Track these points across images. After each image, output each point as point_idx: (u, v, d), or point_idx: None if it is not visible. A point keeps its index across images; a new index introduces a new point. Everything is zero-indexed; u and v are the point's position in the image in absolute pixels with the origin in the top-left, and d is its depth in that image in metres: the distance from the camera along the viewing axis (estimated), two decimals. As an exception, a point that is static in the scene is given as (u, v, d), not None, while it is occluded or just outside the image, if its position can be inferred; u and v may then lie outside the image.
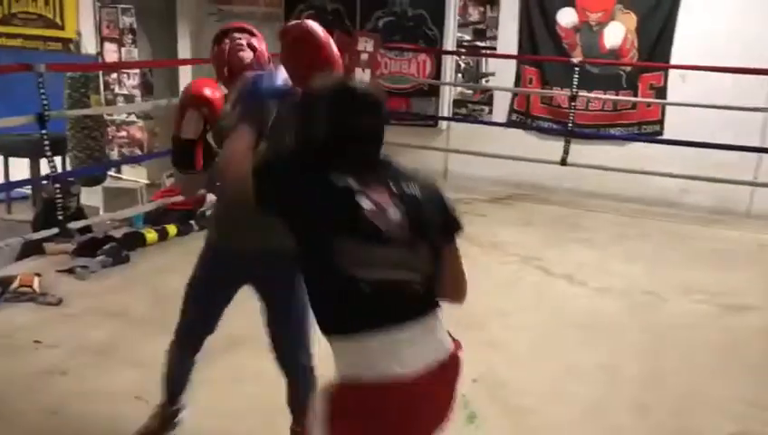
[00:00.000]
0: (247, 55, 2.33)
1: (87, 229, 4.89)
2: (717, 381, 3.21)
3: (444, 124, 7.08)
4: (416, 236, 1.61)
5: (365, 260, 1.55)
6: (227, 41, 2.37)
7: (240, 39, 2.35)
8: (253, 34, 2.41)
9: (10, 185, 6.09)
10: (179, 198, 5.07)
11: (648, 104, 6.24)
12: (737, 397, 3.07)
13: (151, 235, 4.77)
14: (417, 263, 1.62)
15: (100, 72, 8.03)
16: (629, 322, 3.87)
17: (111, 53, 8.41)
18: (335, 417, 1.55)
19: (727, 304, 4.10)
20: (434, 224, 1.67)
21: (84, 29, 7.97)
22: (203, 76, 8.39)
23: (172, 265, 4.48)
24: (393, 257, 1.58)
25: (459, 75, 7.48)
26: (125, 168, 8.41)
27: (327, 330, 1.64)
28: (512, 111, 6.80)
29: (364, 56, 6.62)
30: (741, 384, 3.19)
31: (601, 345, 3.56)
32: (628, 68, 6.22)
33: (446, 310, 3.76)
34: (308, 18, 1.91)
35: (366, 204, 1.55)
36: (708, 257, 4.92)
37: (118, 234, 4.79)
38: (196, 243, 4.84)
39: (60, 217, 4.42)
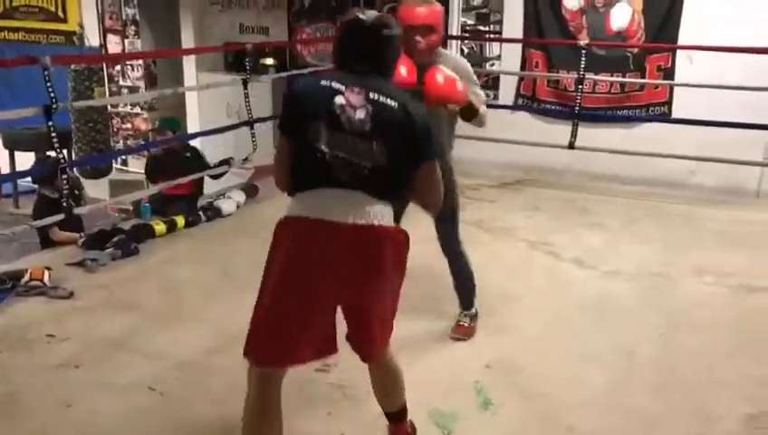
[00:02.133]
0: None
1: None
2: (732, 363, 3.20)
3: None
4: (374, 133, 2.09)
5: (327, 139, 2.09)
6: None
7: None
8: None
9: (15, 175, 6.09)
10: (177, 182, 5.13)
11: (656, 86, 6.19)
12: (753, 378, 3.06)
13: (160, 226, 4.77)
14: (367, 152, 2.10)
15: (104, 65, 8.03)
16: (641, 304, 3.86)
17: (115, 45, 8.40)
18: (275, 242, 2.24)
19: (739, 285, 4.08)
20: (399, 135, 2.11)
21: (87, 21, 7.94)
22: (207, 65, 8.34)
23: (181, 257, 4.50)
24: (347, 142, 2.09)
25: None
26: (130, 159, 8.42)
27: (292, 192, 2.23)
28: (518, 95, 6.75)
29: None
30: (756, 365, 3.18)
31: (614, 328, 3.55)
32: (636, 49, 6.16)
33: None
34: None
35: (339, 100, 2.09)
36: (718, 238, 4.89)
37: (126, 226, 4.79)
38: (204, 233, 4.91)
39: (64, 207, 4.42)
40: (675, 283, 4.13)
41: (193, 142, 6.43)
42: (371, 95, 2.11)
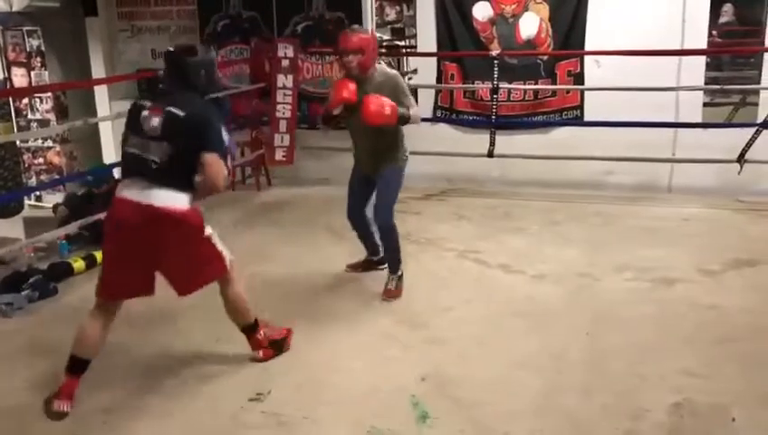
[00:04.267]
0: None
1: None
2: (656, 356, 3.31)
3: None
4: (165, 136, 2.86)
5: (130, 142, 2.96)
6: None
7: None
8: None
9: None
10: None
11: (567, 91, 6.40)
12: (676, 369, 3.17)
13: (78, 263, 4.59)
14: (157, 151, 2.87)
15: (10, 99, 7.70)
16: (568, 305, 3.95)
17: (20, 78, 8.08)
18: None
19: (658, 279, 4.23)
20: (185, 135, 2.86)
21: (-12, 54, 7.63)
22: (120, 93, 8.09)
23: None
24: (143, 144, 2.90)
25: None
26: (45, 195, 8.09)
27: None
28: (436, 107, 6.85)
29: (285, 62, 6.57)
30: (678, 356, 3.30)
31: (543, 332, 3.62)
32: (545, 57, 6.35)
33: (390, 311, 3.74)
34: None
35: (144, 113, 2.91)
36: (636, 235, 5.08)
37: (43, 265, 4.59)
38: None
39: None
40: (598, 282, 4.25)
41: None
42: (166, 108, 2.89)
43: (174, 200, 2.89)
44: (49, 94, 8.01)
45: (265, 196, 6.72)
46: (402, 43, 8.75)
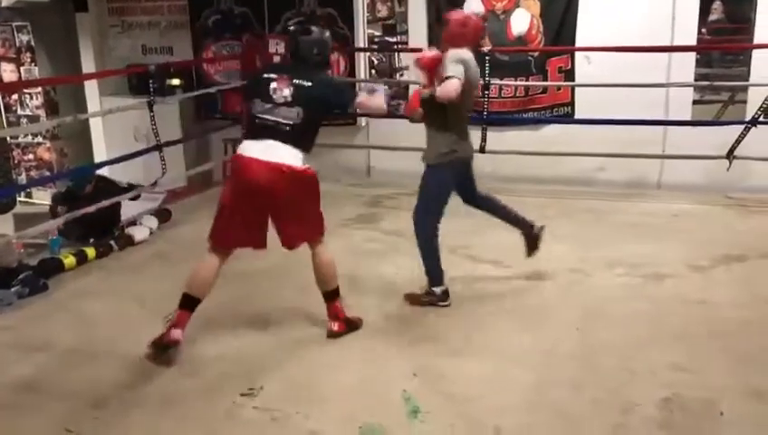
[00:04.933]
0: None
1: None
2: (646, 351, 3.34)
3: (363, 121, 7.08)
4: (295, 104, 3.29)
5: (258, 109, 3.33)
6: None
7: None
8: None
9: None
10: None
11: (558, 87, 6.41)
12: (666, 364, 3.19)
13: (69, 259, 4.58)
14: (289, 115, 3.29)
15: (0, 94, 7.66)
16: (558, 301, 3.97)
17: (10, 74, 8.02)
18: (230, 172, 3.54)
19: (648, 275, 4.26)
20: (316, 100, 3.35)
21: (-23, 50, 7.58)
22: (110, 89, 8.05)
23: (94, 289, 4.33)
24: (275, 110, 3.30)
25: (373, 71, 7.48)
26: (36, 191, 8.06)
27: (241, 138, 3.45)
28: (428, 103, 6.85)
29: (276, 58, 6.55)
30: (668, 351, 3.32)
31: (534, 327, 3.64)
32: (536, 53, 6.37)
33: (381, 307, 3.73)
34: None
35: (272, 84, 3.32)
36: (627, 231, 5.11)
37: (33, 261, 4.57)
38: (116, 263, 4.75)
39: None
40: (589, 277, 4.28)
41: (101, 170, 6.23)
42: (294, 80, 3.33)
43: (298, 160, 3.30)
44: (39, 90, 7.96)
45: (257, 192, 6.70)
46: (394, 40, 8.75)
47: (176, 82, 7.22)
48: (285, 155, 3.27)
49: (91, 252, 4.73)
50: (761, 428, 2.72)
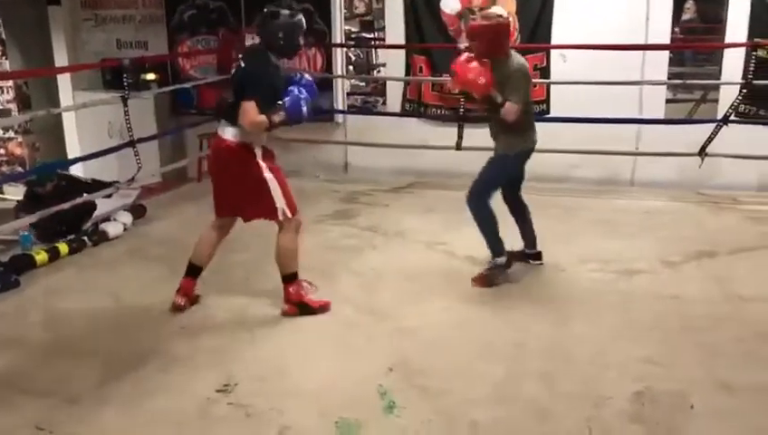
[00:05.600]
0: None
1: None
2: (618, 345, 3.38)
3: (340, 118, 7.07)
4: (233, 83, 3.55)
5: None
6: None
7: None
8: None
9: None
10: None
11: (534, 84, 6.44)
12: (638, 358, 3.24)
13: (41, 256, 4.52)
14: (229, 94, 3.57)
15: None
16: (532, 295, 4.01)
17: (-20, 67, 7.89)
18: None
19: (621, 270, 4.31)
20: (239, 83, 3.48)
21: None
22: (84, 84, 7.94)
23: (67, 286, 4.28)
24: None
25: (351, 68, 7.48)
26: (6, 186, 7.93)
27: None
28: (405, 100, 6.87)
29: (253, 54, 6.51)
30: (640, 345, 3.37)
31: (507, 321, 3.67)
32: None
33: (357, 303, 3.74)
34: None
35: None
36: (600, 227, 5.16)
37: (5, 258, 4.50)
38: (90, 259, 4.70)
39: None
40: (562, 272, 4.32)
41: (74, 166, 6.16)
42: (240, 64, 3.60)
43: (232, 135, 3.53)
44: (10, 84, 7.83)
45: (233, 188, 6.67)
46: (371, 36, 8.75)
47: (150, 76, 7.16)
48: (225, 130, 3.56)
49: (63, 248, 4.68)
50: (730, 420, 2.77)
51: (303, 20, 3.59)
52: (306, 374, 3.14)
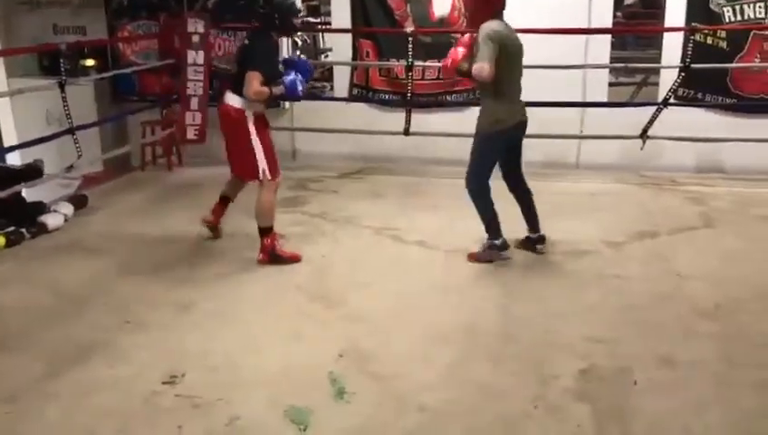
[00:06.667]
0: None
1: None
2: (564, 324, 3.45)
3: (286, 103, 6.98)
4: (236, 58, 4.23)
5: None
6: None
7: None
8: None
9: None
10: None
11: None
12: (583, 336, 3.31)
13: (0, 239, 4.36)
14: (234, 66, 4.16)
15: None
16: (480, 278, 4.06)
17: None
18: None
19: (567, 251, 4.40)
20: (243, 57, 4.07)
21: None
22: (19, 70, 7.62)
23: (5, 279, 4.15)
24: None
25: (298, 52, 7.40)
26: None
27: None
28: (352, 85, 6.83)
29: (195, 38, 6.38)
30: (585, 324, 3.45)
31: (458, 305, 3.70)
32: (459, 35, 6.40)
33: (307, 290, 3.70)
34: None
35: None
36: (546, 210, 5.18)
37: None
38: (29, 252, 4.56)
39: None
40: (510, 254, 4.36)
41: (11, 155, 5.93)
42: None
43: (231, 101, 4.05)
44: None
45: (177, 176, 6.55)
46: (317, 21, 8.67)
47: (90, 62, 6.96)
48: (229, 98, 4.08)
49: (0, 240, 4.52)
50: (671, 393, 2.85)
51: (297, 3, 4.21)
52: (256, 364, 3.11)
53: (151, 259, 4.32)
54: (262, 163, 4.11)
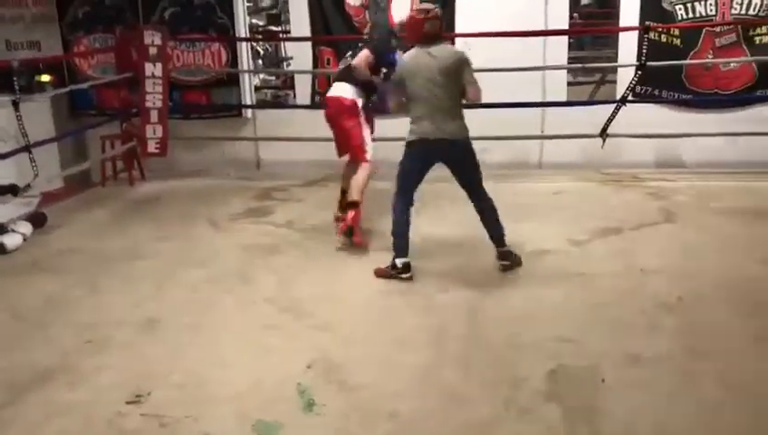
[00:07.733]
0: None
1: None
2: (531, 325, 3.46)
3: (249, 113, 6.95)
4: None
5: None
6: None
7: None
8: None
9: None
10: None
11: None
12: (550, 337, 3.32)
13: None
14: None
15: None
16: (446, 282, 4.05)
17: None
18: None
19: (531, 251, 4.41)
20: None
21: None
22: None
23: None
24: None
25: (260, 62, 7.36)
26: None
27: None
28: (314, 92, 6.81)
29: (153, 50, 6.31)
30: (551, 324, 3.46)
31: (422, 310, 3.70)
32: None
33: (274, 302, 3.66)
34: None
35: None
36: (510, 210, 5.19)
37: None
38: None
39: None
40: (474, 256, 4.37)
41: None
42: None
43: (346, 93, 4.71)
44: None
45: (139, 190, 6.46)
46: (278, 29, 8.63)
47: (45, 78, 6.84)
48: (343, 90, 4.74)
49: None
50: (639, 390, 2.87)
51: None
52: (224, 379, 3.07)
53: (114, 277, 4.24)
54: (368, 146, 4.78)
